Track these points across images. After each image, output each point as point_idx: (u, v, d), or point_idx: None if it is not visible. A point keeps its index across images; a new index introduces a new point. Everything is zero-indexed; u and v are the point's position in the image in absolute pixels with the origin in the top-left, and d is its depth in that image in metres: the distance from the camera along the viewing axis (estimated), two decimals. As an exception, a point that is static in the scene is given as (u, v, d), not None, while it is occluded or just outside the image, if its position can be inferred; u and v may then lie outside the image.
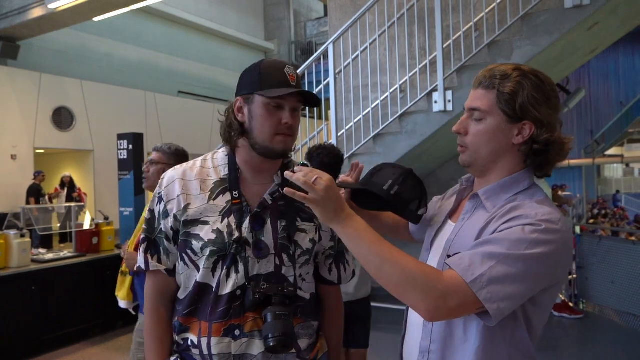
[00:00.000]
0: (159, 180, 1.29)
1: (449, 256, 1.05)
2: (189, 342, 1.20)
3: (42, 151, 10.78)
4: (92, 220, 5.02)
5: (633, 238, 6.18)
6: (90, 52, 12.85)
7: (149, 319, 1.27)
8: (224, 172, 1.25)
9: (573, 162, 15.66)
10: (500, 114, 1.05)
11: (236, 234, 1.18)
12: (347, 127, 4.51)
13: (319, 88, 4.81)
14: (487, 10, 4.07)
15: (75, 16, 9.83)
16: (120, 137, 5.79)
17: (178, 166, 1.30)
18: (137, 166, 5.36)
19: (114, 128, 9.80)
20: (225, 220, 1.19)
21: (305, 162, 1.17)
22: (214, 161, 1.29)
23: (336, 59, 4.43)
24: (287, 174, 1.05)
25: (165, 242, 1.24)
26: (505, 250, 0.94)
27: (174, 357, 1.24)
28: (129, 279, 2.43)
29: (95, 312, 4.54)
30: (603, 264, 5.01)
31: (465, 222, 1.10)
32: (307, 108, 4.98)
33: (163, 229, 1.24)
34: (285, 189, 1.05)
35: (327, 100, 4.87)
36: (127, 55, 13.71)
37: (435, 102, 3.96)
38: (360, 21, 4.32)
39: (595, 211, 14.10)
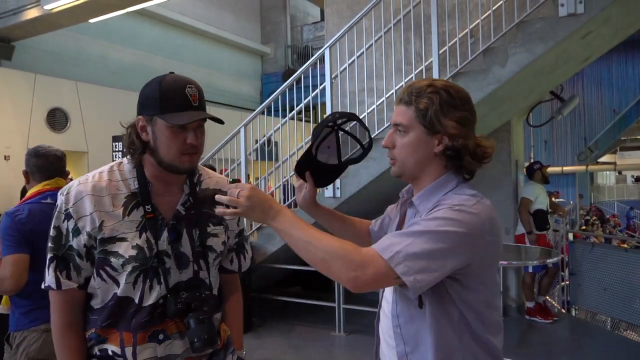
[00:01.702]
0: (62, 195, 1.25)
1: None
2: (110, 352, 1.23)
3: (35, 152, 10.72)
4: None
5: (625, 245, 6.22)
6: (85, 54, 12.81)
7: (62, 334, 1.26)
8: (134, 185, 1.27)
9: (567, 169, 15.74)
10: (420, 127, 1.16)
11: (155, 248, 1.23)
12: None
13: (315, 92, 4.82)
14: (482, 17, 4.09)
15: (70, 17, 9.80)
16: (116, 139, 5.77)
17: (82, 178, 1.27)
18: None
19: (109, 130, 9.75)
20: (143, 235, 1.23)
21: (236, 179, 1.28)
22: (122, 173, 1.28)
23: (332, 63, 4.44)
24: (217, 197, 1.13)
25: (77, 259, 1.23)
26: (420, 228, 1.05)
27: None
28: None
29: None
30: (595, 270, 5.04)
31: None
32: (303, 112, 4.99)
33: (75, 247, 1.23)
34: (217, 210, 1.13)
35: (323, 104, 4.88)
36: (123, 58, 13.68)
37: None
38: (357, 26, 4.34)
39: (588, 218, 14.18)
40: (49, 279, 1.24)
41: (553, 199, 6.98)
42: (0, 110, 9.77)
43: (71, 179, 3.21)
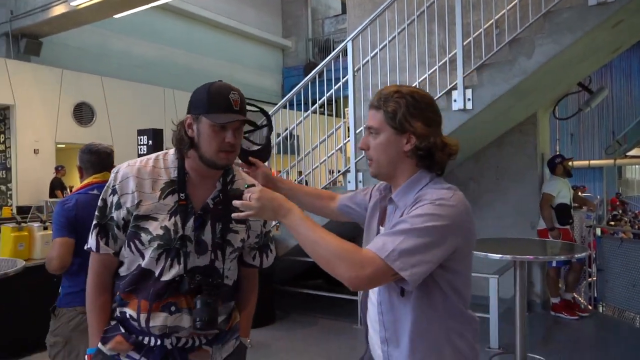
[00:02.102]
0: (113, 174, 1.44)
1: None
2: (127, 315, 1.42)
3: (63, 146, 10.96)
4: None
5: (655, 241, 6.05)
6: (109, 49, 13.01)
7: (94, 292, 1.46)
8: (173, 174, 1.44)
9: (594, 162, 15.39)
10: (389, 128, 1.27)
11: (181, 232, 1.39)
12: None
13: (337, 85, 4.80)
14: (508, 7, 4.02)
15: (96, 13, 9.97)
16: (141, 132, 5.86)
17: (132, 162, 1.46)
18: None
19: (133, 124, 9.90)
20: (173, 218, 1.39)
21: (251, 184, 1.36)
22: (165, 162, 1.47)
23: (355, 56, 4.42)
24: (234, 202, 1.27)
25: (116, 230, 1.42)
26: (409, 226, 1.15)
27: (114, 322, 1.45)
28: None
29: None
30: (624, 266, 4.92)
31: (389, 224, 1.29)
32: (325, 106, 4.98)
33: (115, 218, 1.41)
34: (233, 215, 1.29)
35: (346, 97, 4.86)
36: (146, 52, 13.85)
37: (455, 100, 3.93)
38: (380, 18, 4.30)
39: (616, 213, 13.83)
40: (91, 241, 1.44)
41: (579, 193, 6.84)
42: (29, 105, 10.01)
43: None
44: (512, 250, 3.32)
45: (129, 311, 1.41)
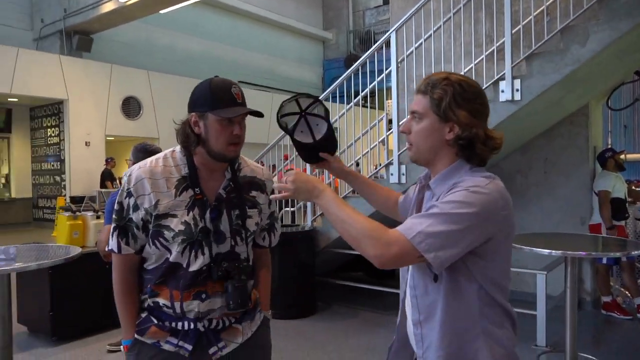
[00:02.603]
0: (126, 177, 1.49)
1: None
2: (161, 304, 1.50)
3: (112, 138, 11.39)
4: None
5: None
6: (155, 44, 13.38)
7: (122, 289, 1.54)
8: (184, 170, 1.50)
9: (649, 155, 14.58)
10: (433, 115, 1.27)
11: (201, 224, 1.47)
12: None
13: (380, 77, 4.76)
14: (560, -6, 3.85)
15: (143, 9, 10.26)
16: (186, 125, 5.99)
17: (142, 163, 1.51)
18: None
19: (178, 116, 10.16)
20: (191, 213, 1.46)
21: (290, 168, 1.39)
22: (174, 160, 1.52)
23: (398, 47, 4.36)
24: (273, 186, 1.42)
25: (135, 230, 1.48)
26: (439, 210, 1.15)
27: (145, 314, 1.53)
28: None
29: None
30: (683, 265, 4.67)
31: (425, 209, 1.28)
32: (368, 97, 4.95)
33: (134, 219, 1.47)
34: (271, 196, 1.43)
35: (387, 89, 4.81)
36: (190, 47, 14.16)
37: (502, 91, 3.81)
38: (424, 8, 4.22)
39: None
40: (112, 243, 1.51)
41: (633, 187, 6.51)
42: (81, 99, 10.45)
43: None
44: (562, 245, 3.20)
45: (162, 300, 1.50)
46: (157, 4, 10.11)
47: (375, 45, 4.61)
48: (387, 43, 4.47)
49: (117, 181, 10.31)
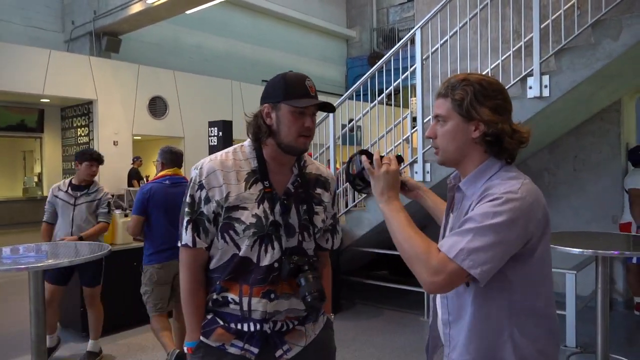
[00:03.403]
0: (196, 170, 1.48)
1: None
2: (229, 299, 1.47)
3: (139, 138, 11.60)
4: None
5: None
6: (181, 44, 13.57)
7: (191, 288, 1.51)
8: (253, 164, 1.50)
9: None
10: (456, 116, 1.27)
11: (271, 218, 1.45)
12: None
13: (405, 75, 4.72)
14: (591, -13, 3.75)
15: (170, 10, 10.42)
16: (211, 124, 6.06)
17: (212, 157, 1.51)
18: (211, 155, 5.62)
19: (202, 116, 10.30)
20: (261, 206, 1.45)
21: (399, 155, 1.41)
22: (243, 154, 1.52)
23: (423, 44, 4.31)
24: (375, 153, 1.35)
25: (206, 223, 1.46)
26: (476, 224, 1.15)
27: (210, 316, 1.51)
28: None
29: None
30: None
31: (457, 212, 1.32)
32: (393, 96, 4.92)
33: (205, 212, 1.46)
34: (363, 157, 1.35)
35: (412, 87, 4.77)
36: (216, 46, 14.31)
37: (530, 87, 3.74)
38: (450, 4, 4.17)
39: None
40: (187, 237, 1.48)
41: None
42: (110, 99, 10.67)
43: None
44: (592, 244, 3.13)
45: (231, 295, 1.47)
46: (183, 4, 10.25)
47: (400, 42, 4.58)
48: (411, 40, 4.43)
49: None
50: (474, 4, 4.13)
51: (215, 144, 6.00)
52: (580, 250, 2.91)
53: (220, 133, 5.92)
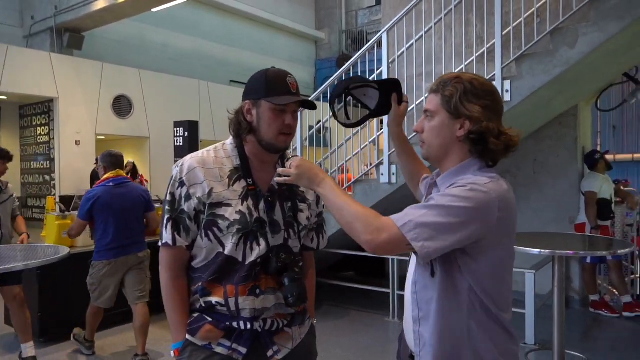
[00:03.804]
0: (177, 167, 1.46)
1: None
2: (214, 302, 1.44)
3: (102, 137, 11.30)
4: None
5: None
6: (147, 42, 13.30)
7: (172, 286, 1.48)
8: (236, 161, 1.48)
9: (638, 156, 14.76)
10: (444, 112, 1.28)
11: (255, 215, 1.43)
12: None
13: (371, 77, 4.76)
14: (550, -4, 3.88)
15: (135, 7, 10.20)
16: (177, 124, 5.97)
17: (194, 154, 1.49)
18: (192, 152, 5.53)
19: (169, 116, 10.13)
20: (245, 203, 1.43)
21: (295, 155, 1.46)
22: (225, 152, 1.50)
23: (390, 48, 4.37)
24: (279, 170, 1.37)
25: (187, 221, 1.44)
26: (434, 202, 1.18)
27: (197, 314, 1.47)
28: None
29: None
30: (670, 264, 4.73)
31: None
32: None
33: (186, 210, 1.43)
34: (275, 179, 1.37)
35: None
36: (182, 45, 14.09)
37: (492, 92, 3.83)
38: (415, 9, 4.24)
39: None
40: (167, 236, 1.45)
41: (621, 187, 6.58)
42: (72, 98, 10.35)
43: (134, 166, 4.61)
44: (550, 244, 3.24)
45: (215, 299, 1.43)
46: (149, 2, 10.06)
47: (367, 45, 4.62)
48: (379, 43, 4.48)
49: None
50: (439, 9, 4.22)
51: (181, 144, 5.92)
52: (539, 250, 3.01)
53: (187, 133, 5.83)
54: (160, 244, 1.48)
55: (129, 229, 3.55)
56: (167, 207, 1.46)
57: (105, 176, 3.62)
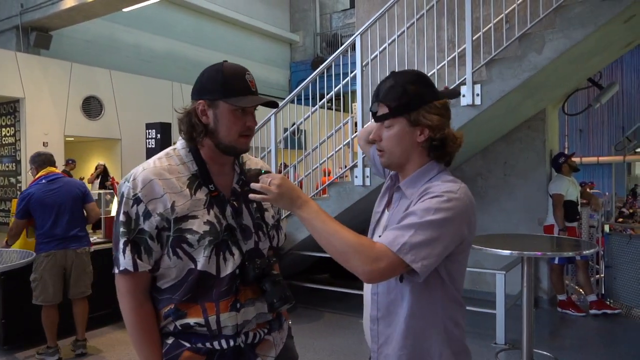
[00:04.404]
0: (128, 182, 1.30)
1: None
2: (192, 324, 1.30)
3: (72, 139, 11.03)
4: (120, 207, 5.12)
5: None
6: (118, 42, 13.05)
7: (136, 316, 1.31)
8: (192, 167, 1.35)
9: (603, 159, 15.26)
10: (403, 120, 1.29)
11: (224, 222, 1.32)
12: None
13: (345, 80, 4.80)
14: (518, 2, 3.99)
15: (105, 6, 9.99)
16: (149, 126, 5.88)
17: (145, 165, 1.33)
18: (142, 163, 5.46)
19: (141, 117, 9.93)
20: (211, 211, 1.32)
21: (267, 170, 1.38)
22: (179, 158, 1.36)
23: (363, 51, 4.40)
24: (252, 185, 1.24)
25: (149, 242, 1.28)
26: (418, 219, 1.19)
27: (171, 340, 1.32)
28: None
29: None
30: (633, 263, 4.89)
31: (394, 210, 1.35)
32: (333, 101, 4.96)
33: (146, 229, 1.27)
34: (250, 195, 1.24)
35: (353, 92, 4.85)
36: (155, 46, 13.88)
37: (463, 95, 3.91)
38: (388, 13, 4.28)
39: (624, 210, 13.70)
40: (126, 262, 1.28)
41: (587, 189, 6.78)
42: (39, 98, 10.07)
43: (105, 168, 5.32)
44: (519, 246, 3.31)
45: (192, 320, 1.30)
46: (119, 1, 9.86)
47: (340, 48, 4.64)
48: (353, 46, 4.51)
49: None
50: (412, 13, 4.27)
51: (153, 146, 5.82)
52: (510, 251, 3.07)
53: (159, 135, 5.74)
54: (115, 271, 1.30)
55: (66, 222, 3.69)
56: (122, 229, 1.28)
57: (37, 175, 3.77)
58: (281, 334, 1.49)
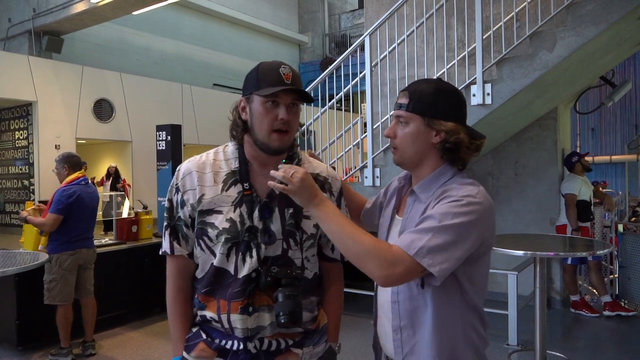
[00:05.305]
0: (177, 172, 1.39)
1: None
2: (208, 317, 1.35)
3: (83, 142, 11.13)
4: (132, 209, 5.16)
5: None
6: (129, 46, 13.16)
7: (171, 300, 1.40)
8: (234, 164, 1.37)
9: (615, 157, 15.07)
10: (419, 119, 1.27)
11: (248, 223, 1.30)
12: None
13: (354, 81, 4.78)
14: (529, 0, 3.94)
15: (115, 10, 10.08)
16: (159, 128, 5.91)
17: (193, 158, 1.40)
18: (175, 157, 5.47)
19: (152, 119, 10.01)
20: (237, 210, 1.31)
21: (285, 160, 1.33)
22: (225, 154, 1.39)
23: (372, 51, 4.39)
24: (272, 172, 1.21)
25: (184, 229, 1.36)
26: (436, 223, 1.16)
27: (196, 329, 1.38)
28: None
29: (134, 297, 4.68)
30: (647, 263, 4.83)
31: (409, 215, 1.31)
32: (342, 102, 4.96)
33: (182, 217, 1.36)
34: (269, 182, 1.22)
35: (363, 92, 4.84)
36: (164, 48, 13.97)
37: (474, 95, 3.88)
38: (397, 13, 4.27)
39: (638, 210, 13.51)
40: (165, 245, 1.39)
41: (600, 189, 6.70)
42: (51, 101, 10.18)
43: (117, 170, 6.35)
44: (531, 246, 3.27)
45: (209, 314, 1.34)
46: (129, 5, 9.94)
47: (350, 49, 4.64)
48: (362, 47, 4.50)
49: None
50: (421, 13, 4.25)
51: (164, 148, 5.84)
52: (523, 252, 3.04)
53: (169, 137, 5.77)
54: (160, 252, 1.41)
55: (91, 225, 3.95)
56: (165, 214, 1.39)
57: (74, 175, 3.84)
58: (315, 351, 1.40)
